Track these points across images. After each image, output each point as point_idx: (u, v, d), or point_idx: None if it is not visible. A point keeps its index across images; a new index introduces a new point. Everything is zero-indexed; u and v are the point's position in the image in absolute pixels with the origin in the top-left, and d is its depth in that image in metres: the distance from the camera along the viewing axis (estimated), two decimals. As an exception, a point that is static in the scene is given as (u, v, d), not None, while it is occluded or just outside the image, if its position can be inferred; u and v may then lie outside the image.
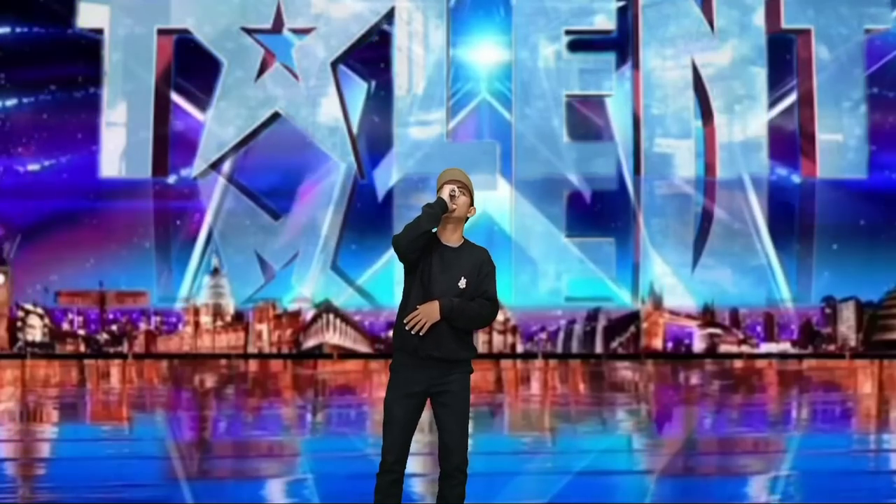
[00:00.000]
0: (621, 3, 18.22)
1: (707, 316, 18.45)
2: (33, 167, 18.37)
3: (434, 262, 5.65)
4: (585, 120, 18.45)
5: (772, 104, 18.32)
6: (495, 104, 18.45)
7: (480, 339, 18.25)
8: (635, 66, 18.30)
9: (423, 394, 5.65)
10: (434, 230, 5.71)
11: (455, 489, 5.65)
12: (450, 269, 5.67)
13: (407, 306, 5.64)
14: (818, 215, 18.33)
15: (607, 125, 18.34)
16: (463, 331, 5.66)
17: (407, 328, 5.60)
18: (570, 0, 18.23)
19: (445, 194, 5.65)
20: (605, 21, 18.29)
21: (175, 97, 18.18)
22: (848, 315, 18.37)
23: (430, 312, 5.56)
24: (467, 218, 5.82)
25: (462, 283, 5.64)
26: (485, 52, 18.48)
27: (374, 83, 18.40)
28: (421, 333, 5.58)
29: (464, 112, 18.44)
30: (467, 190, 5.77)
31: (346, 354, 17.86)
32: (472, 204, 5.81)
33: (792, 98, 18.34)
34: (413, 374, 5.65)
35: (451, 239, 5.74)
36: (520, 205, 18.18)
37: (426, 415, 5.79)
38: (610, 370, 17.22)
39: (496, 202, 18.19)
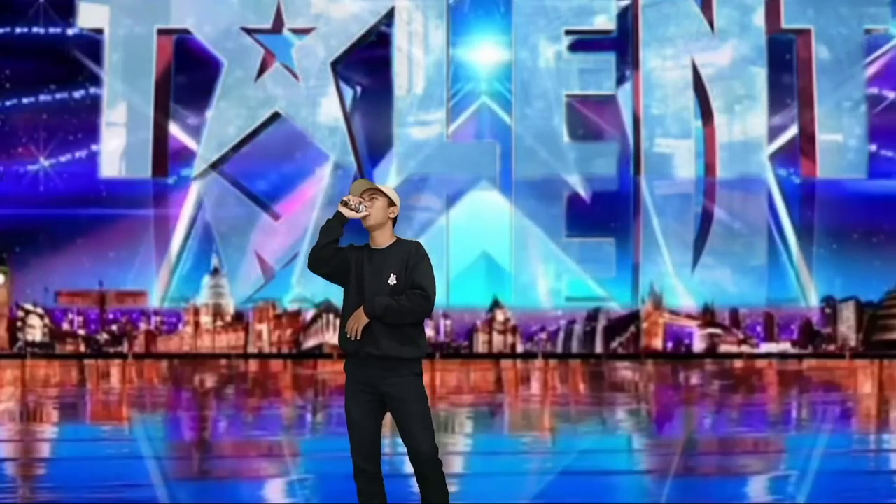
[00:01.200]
0: (623, 3, 18.23)
1: (707, 316, 18.45)
2: (33, 167, 18.37)
3: (364, 266, 5.77)
4: (585, 120, 18.47)
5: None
6: (495, 104, 18.46)
7: (480, 339, 18.26)
8: (635, 66, 18.30)
9: (374, 393, 5.71)
10: (367, 241, 5.84)
11: (434, 485, 5.67)
12: (380, 270, 5.77)
13: (345, 311, 5.80)
14: (818, 215, 18.34)
15: (615, 123, 18.35)
16: (403, 328, 5.73)
17: (347, 336, 5.75)
18: (569, 0, 18.24)
19: (340, 205, 5.79)
20: (605, 21, 18.29)
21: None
22: (848, 315, 18.37)
23: (359, 316, 5.71)
24: (393, 219, 5.86)
25: (392, 280, 5.72)
26: (485, 52, 18.49)
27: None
28: (357, 338, 5.70)
29: (464, 112, 18.45)
30: (379, 193, 5.83)
31: (343, 354, 17.85)
32: (392, 204, 5.85)
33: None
34: (358, 374, 5.76)
35: (380, 242, 5.83)
36: (520, 204, 18.18)
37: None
38: (610, 370, 17.22)
39: (497, 202, 18.21)
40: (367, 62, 18.50)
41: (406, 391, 5.80)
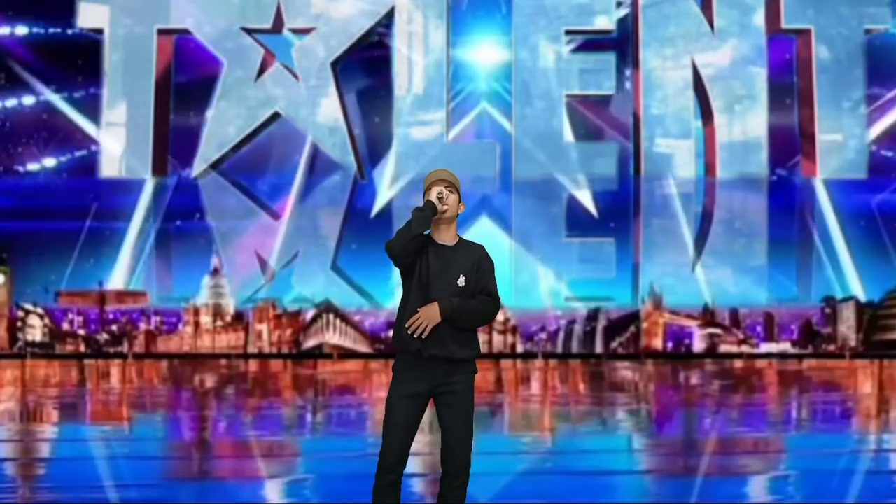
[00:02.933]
0: (623, 12, 18.21)
1: (707, 316, 18.45)
2: (33, 167, 18.37)
3: (431, 263, 5.65)
4: (585, 120, 18.46)
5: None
6: (495, 104, 18.45)
7: (480, 340, 18.25)
8: (635, 66, 18.30)
9: (426, 394, 5.62)
10: (427, 232, 5.71)
11: (456, 491, 5.62)
12: (447, 269, 5.66)
13: (406, 309, 5.63)
14: (817, 215, 18.34)
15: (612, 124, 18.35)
16: (465, 330, 5.64)
17: (409, 332, 5.58)
18: (570, 0, 18.23)
19: (433, 196, 5.66)
20: (605, 21, 18.29)
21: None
22: (848, 315, 18.36)
23: (430, 315, 5.54)
24: (457, 214, 5.81)
25: (461, 282, 5.63)
26: (485, 52, 18.48)
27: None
28: (423, 336, 5.56)
29: (464, 113, 18.44)
30: (454, 188, 5.77)
31: (346, 354, 17.86)
32: (460, 200, 5.81)
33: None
34: (416, 375, 5.62)
35: (445, 238, 5.73)
36: (520, 205, 18.18)
37: (426, 415, 5.77)
38: (610, 370, 17.21)
39: (496, 202, 18.20)
40: (368, 62, 18.49)
41: (467, 391, 5.77)
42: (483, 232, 18.23)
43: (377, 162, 18.36)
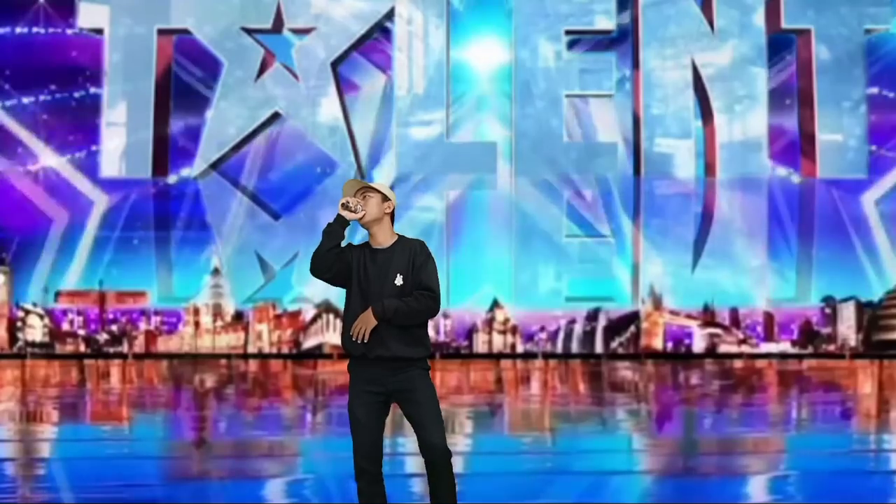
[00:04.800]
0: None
1: (707, 316, 18.46)
2: (33, 167, 18.37)
3: (368, 266, 5.68)
4: (586, 120, 18.46)
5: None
6: (495, 104, 18.45)
7: (480, 340, 18.26)
8: (635, 66, 18.31)
9: (383, 394, 5.65)
10: (367, 240, 5.77)
11: (444, 476, 5.64)
12: (384, 270, 5.67)
13: (349, 313, 5.71)
14: (818, 215, 18.35)
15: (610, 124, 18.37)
16: (410, 328, 5.68)
17: (353, 339, 5.66)
18: (570, 0, 18.24)
19: (339, 207, 5.72)
20: (605, 21, 18.29)
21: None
22: (848, 315, 18.37)
23: (366, 319, 5.61)
24: (390, 215, 5.79)
25: (398, 281, 5.65)
26: (485, 53, 18.48)
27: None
28: (365, 340, 5.63)
29: (464, 112, 18.45)
30: (373, 190, 5.77)
31: (345, 354, 17.85)
32: (386, 199, 5.79)
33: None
34: (368, 377, 5.68)
35: (380, 241, 5.73)
36: (520, 204, 18.18)
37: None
38: (610, 370, 17.21)
39: (497, 202, 18.21)
40: (367, 62, 18.50)
41: (416, 383, 5.78)
42: (483, 232, 18.24)
43: (377, 162, 18.37)
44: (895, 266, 18.30)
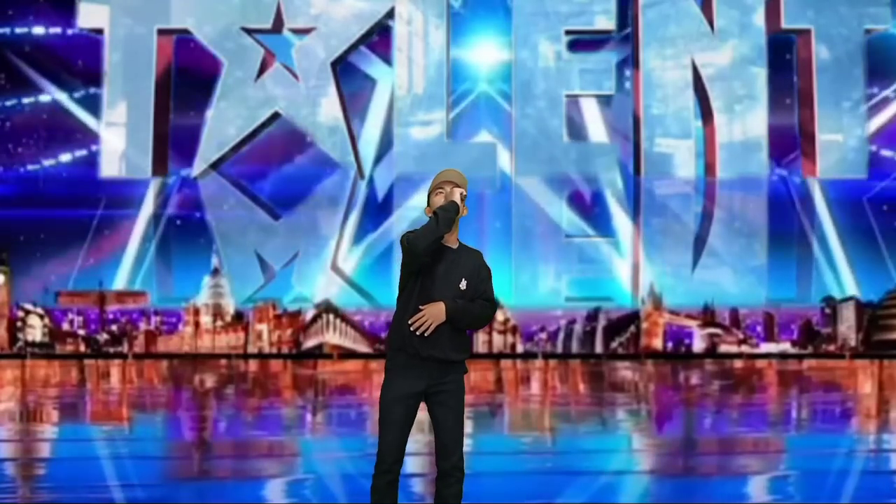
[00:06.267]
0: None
1: (707, 316, 18.45)
2: (33, 167, 18.37)
3: (437, 264, 5.65)
4: (586, 120, 18.45)
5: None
6: (495, 104, 18.45)
7: (480, 339, 18.25)
8: (635, 66, 18.30)
9: (420, 394, 5.64)
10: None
11: (453, 487, 5.64)
12: (451, 271, 5.67)
13: (408, 307, 5.63)
14: (818, 215, 18.34)
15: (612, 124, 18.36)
16: (461, 332, 5.67)
17: (412, 329, 5.59)
18: (570, 0, 18.24)
19: (456, 197, 5.66)
20: (605, 21, 18.29)
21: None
22: (848, 315, 18.37)
23: (435, 313, 5.56)
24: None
25: (463, 285, 5.64)
26: (485, 52, 18.48)
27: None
28: (427, 334, 5.57)
29: (464, 113, 18.44)
30: (460, 187, 5.79)
31: (346, 354, 17.86)
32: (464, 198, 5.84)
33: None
34: (412, 375, 5.64)
35: (450, 240, 5.74)
36: (520, 204, 18.19)
37: (424, 415, 5.78)
38: (610, 370, 17.21)
39: (496, 201, 18.20)
40: (367, 62, 18.49)
41: (459, 390, 5.81)
42: (483, 232, 18.25)
43: (377, 162, 18.36)
44: (895, 266, 18.29)
